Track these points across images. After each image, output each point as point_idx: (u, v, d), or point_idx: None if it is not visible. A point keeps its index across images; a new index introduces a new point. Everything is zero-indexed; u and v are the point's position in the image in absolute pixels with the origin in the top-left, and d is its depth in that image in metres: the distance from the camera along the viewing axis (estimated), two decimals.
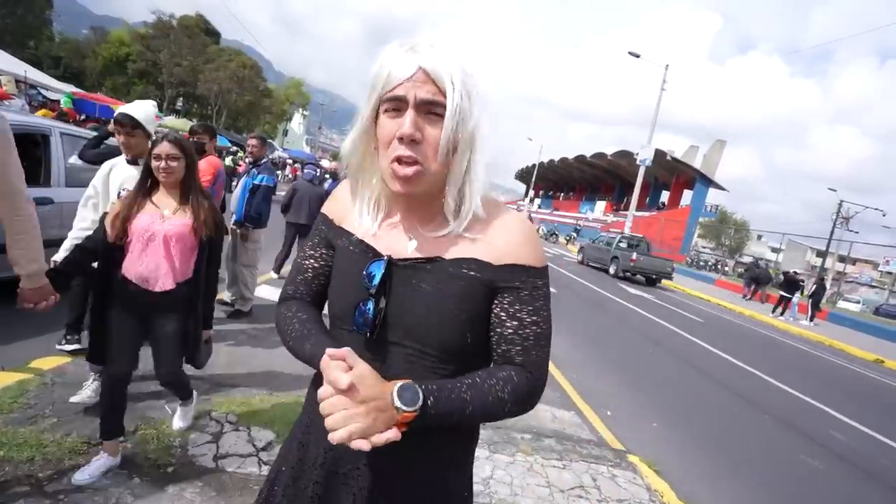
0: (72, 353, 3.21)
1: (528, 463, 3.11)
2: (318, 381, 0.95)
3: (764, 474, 3.96)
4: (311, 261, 0.98)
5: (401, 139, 0.78)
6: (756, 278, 20.18)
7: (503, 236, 0.87)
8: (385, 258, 0.86)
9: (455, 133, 0.80)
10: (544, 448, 3.35)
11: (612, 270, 17.43)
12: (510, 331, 0.85)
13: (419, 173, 0.80)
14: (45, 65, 35.71)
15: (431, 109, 0.79)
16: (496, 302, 0.86)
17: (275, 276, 6.69)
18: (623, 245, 18.05)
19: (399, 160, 0.79)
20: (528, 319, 0.85)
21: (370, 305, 0.84)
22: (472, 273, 0.85)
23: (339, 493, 0.89)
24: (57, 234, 3.90)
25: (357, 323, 0.85)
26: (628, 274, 16.90)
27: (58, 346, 3.23)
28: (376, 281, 0.83)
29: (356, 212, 0.92)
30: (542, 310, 0.87)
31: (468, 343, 0.85)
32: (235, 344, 4.09)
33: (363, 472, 0.88)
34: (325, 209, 1.01)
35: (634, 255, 16.75)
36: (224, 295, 4.89)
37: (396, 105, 0.79)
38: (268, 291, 5.74)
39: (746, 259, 65.58)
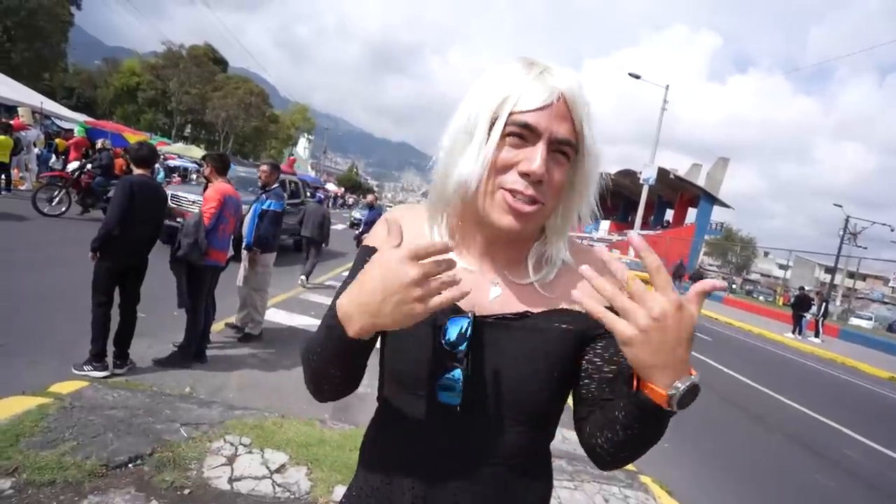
0: (102, 378, 3.35)
1: None
2: (379, 432, 0.83)
3: (777, 494, 3.92)
4: None
5: (525, 175, 0.67)
6: (697, 278, 23.71)
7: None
8: (469, 315, 0.73)
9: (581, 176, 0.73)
10: (555, 469, 3.34)
11: None
12: (610, 376, 0.76)
13: (538, 214, 0.70)
14: (59, 95, 36.61)
15: (560, 149, 0.68)
16: (588, 349, 0.77)
17: (306, 286, 7.82)
18: None
19: (513, 192, 0.68)
20: (622, 361, 0.75)
21: (458, 375, 0.72)
22: (565, 326, 0.76)
23: None
24: None
25: (443, 394, 0.73)
26: None
27: (75, 371, 3.30)
28: (464, 344, 0.72)
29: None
30: None
31: (554, 405, 0.78)
32: (247, 368, 4.14)
33: None
34: (373, 243, 0.83)
35: None
36: (233, 318, 4.97)
37: (523, 133, 0.67)
38: (278, 315, 5.81)
39: (754, 276, 65.06)
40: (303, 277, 7.91)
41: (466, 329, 0.72)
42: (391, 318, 0.60)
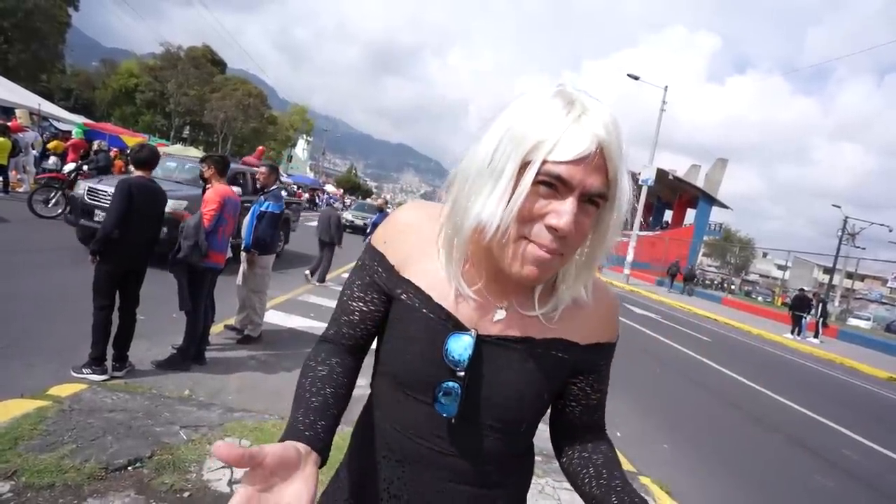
0: (101, 381, 3.35)
1: (540, 485, 3.11)
2: (370, 421, 0.85)
3: (776, 494, 3.92)
4: (360, 304, 0.82)
5: (552, 229, 0.63)
6: (689, 277, 26.20)
7: (592, 313, 0.80)
8: (472, 333, 0.74)
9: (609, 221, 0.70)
10: (555, 470, 3.35)
11: None
12: (595, 401, 0.86)
13: (557, 266, 0.68)
14: (57, 97, 36.50)
15: (591, 199, 0.64)
16: (580, 379, 0.84)
17: (316, 284, 8.39)
18: None
19: (537, 244, 0.65)
20: (606, 388, 0.87)
21: (458, 388, 0.73)
22: (561, 355, 0.79)
23: None
24: None
25: (441, 404, 0.74)
26: None
27: (74, 374, 3.29)
28: (465, 361, 0.73)
29: (449, 273, 0.75)
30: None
31: (540, 418, 0.82)
32: (246, 370, 4.14)
33: None
34: (380, 247, 0.82)
35: None
36: (232, 320, 4.96)
37: (554, 183, 0.62)
38: (277, 316, 5.80)
39: (752, 277, 65.15)
40: (315, 280, 8.54)
41: (469, 346, 0.73)
42: None
